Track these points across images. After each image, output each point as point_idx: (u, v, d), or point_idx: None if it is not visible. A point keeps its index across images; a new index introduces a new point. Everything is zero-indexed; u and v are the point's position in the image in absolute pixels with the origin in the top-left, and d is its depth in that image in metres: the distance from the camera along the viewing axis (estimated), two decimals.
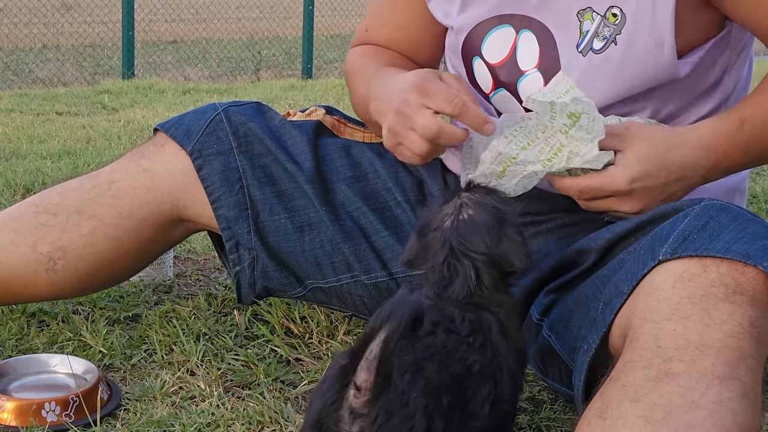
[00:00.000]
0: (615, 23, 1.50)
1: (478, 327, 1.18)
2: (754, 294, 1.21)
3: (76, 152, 3.75)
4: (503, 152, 1.41)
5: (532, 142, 1.41)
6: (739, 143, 1.48)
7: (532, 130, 1.42)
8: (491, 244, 1.22)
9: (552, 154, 1.41)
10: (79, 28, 10.79)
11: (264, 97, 5.82)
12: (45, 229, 1.70)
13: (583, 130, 1.38)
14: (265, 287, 1.77)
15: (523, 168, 1.42)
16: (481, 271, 1.22)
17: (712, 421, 1.10)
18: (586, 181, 1.42)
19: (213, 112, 1.76)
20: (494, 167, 1.43)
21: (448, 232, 1.23)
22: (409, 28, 1.80)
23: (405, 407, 1.08)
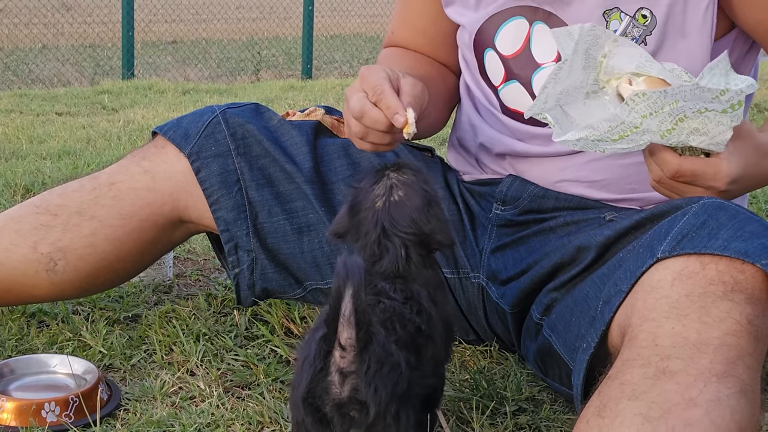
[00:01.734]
0: (645, 24, 1.52)
1: (410, 295, 1.24)
2: (752, 292, 1.22)
3: (76, 152, 3.76)
4: (627, 121, 1.32)
5: (656, 113, 1.30)
6: None
7: (657, 101, 1.30)
8: (421, 224, 1.28)
9: (673, 125, 1.31)
10: (79, 28, 10.79)
11: (264, 98, 5.82)
12: (46, 229, 1.70)
13: (729, 117, 1.30)
14: (265, 289, 1.77)
15: (640, 137, 1.33)
16: (411, 249, 1.28)
17: (710, 418, 1.10)
18: (690, 164, 1.35)
19: (211, 115, 1.76)
20: (608, 135, 1.34)
21: (380, 213, 1.28)
22: (429, 30, 1.82)
23: (391, 356, 1.13)
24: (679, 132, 1.32)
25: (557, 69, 1.36)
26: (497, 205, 1.69)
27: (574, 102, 1.39)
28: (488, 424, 1.52)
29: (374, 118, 1.44)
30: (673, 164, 1.35)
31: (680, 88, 1.27)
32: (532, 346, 1.59)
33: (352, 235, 1.32)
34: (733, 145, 1.34)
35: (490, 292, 1.67)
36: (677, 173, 1.35)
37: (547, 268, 1.56)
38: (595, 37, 1.37)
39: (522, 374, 1.69)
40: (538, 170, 1.66)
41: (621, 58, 1.37)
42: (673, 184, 1.38)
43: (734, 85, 1.28)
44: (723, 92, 1.27)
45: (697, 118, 1.30)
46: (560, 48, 1.38)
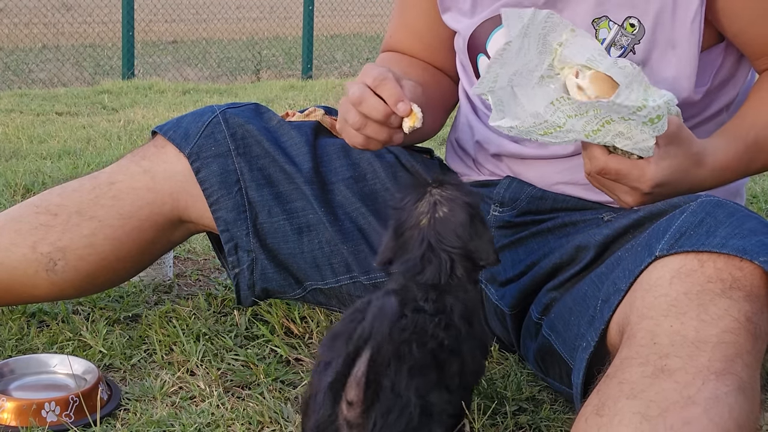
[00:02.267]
0: (633, 33, 1.52)
1: (441, 308, 1.23)
2: (751, 289, 1.22)
3: (76, 152, 3.76)
4: (549, 120, 1.36)
5: (581, 115, 1.34)
6: (739, 169, 1.51)
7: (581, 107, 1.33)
8: (466, 239, 1.28)
9: (599, 126, 1.34)
10: (79, 28, 10.79)
11: (264, 98, 5.82)
12: (45, 229, 1.70)
13: (650, 128, 1.33)
14: (265, 289, 1.77)
15: (565, 135, 1.37)
16: (456, 262, 1.28)
17: (708, 416, 1.10)
18: (616, 163, 1.38)
19: (211, 115, 1.76)
20: (533, 129, 1.38)
21: (426, 231, 1.28)
22: (426, 36, 1.82)
23: (399, 399, 1.13)
24: (605, 133, 1.35)
25: (501, 50, 1.38)
26: (495, 207, 1.69)
27: (526, 85, 1.41)
28: (488, 424, 1.52)
29: (372, 104, 1.44)
30: (599, 161, 1.39)
31: (598, 103, 1.31)
32: (532, 345, 1.59)
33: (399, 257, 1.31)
34: (665, 150, 1.37)
35: (489, 293, 1.67)
36: (603, 170, 1.39)
37: (547, 268, 1.56)
38: (554, 25, 1.39)
39: (522, 374, 1.69)
40: (535, 172, 1.66)
41: (575, 48, 1.39)
42: (600, 180, 1.42)
43: (652, 101, 1.31)
44: (640, 108, 1.30)
45: (623, 123, 1.33)
46: (506, 28, 1.40)
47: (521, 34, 1.38)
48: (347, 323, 1.18)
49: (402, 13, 1.86)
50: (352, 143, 1.52)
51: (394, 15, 1.90)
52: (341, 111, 1.52)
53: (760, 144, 1.51)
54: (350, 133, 1.51)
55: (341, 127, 1.53)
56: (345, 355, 1.10)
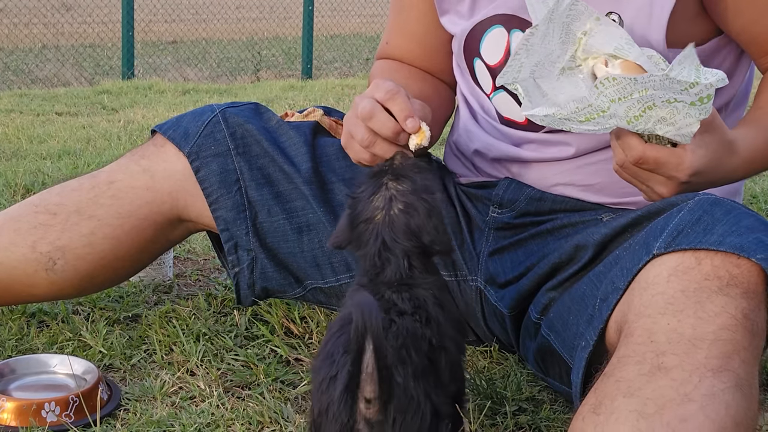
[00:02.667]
0: None
1: (418, 303, 1.24)
2: (748, 286, 1.22)
3: (75, 152, 3.76)
4: (594, 104, 1.31)
5: (624, 98, 1.29)
6: (765, 157, 1.49)
7: (626, 87, 1.28)
8: (420, 236, 1.28)
9: (640, 111, 1.30)
10: (79, 28, 10.79)
11: (264, 98, 5.82)
12: (44, 229, 1.70)
13: (697, 109, 1.29)
14: (265, 288, 1.77)
15: (606, 121, 1.33)
16: (412, 258, 1.28)
17: (705, 413, 1.11)
18: (654, 152, 1.34)
19: (210, 114, 1.76)
20: (575, 116, 1.34)
21: (380, 227, 1.28)
22: (425, 40, 1.80)
23: (412, 401, 1.15)
24: (647, 119, 1.31)
25: (529, 35, 1.35)
26: (494, 208, 1.69)
27: (548, 76, 1.38)
28: (488, 424, 1.52)
29: (383, 120, 1.41)
30: (637, 150, 1.35)
31: (650, 77, 1.27)
32: (531, 345, 1.59)
33: (353, 246, 1.32)
34: (700, 138, 1.34)
35: (489, 295, 1.67)
36: (640, 159, 1.35)
37: (546, 269, 1.56)
38: (578, 13, 1.36)
39: (522, 374, 1.69)
40: (533, 174, 1.66)
41: (601, 37, 1.36)
42: (636, 170, 1.38)
43: (704, 78, 1.27)
44: (692, 85, 1.26)
45: (666, 108, 1.29)
46: (532, 14, 1.37)
47: (546, 19, 1.34)
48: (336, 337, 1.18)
49: (399, 17, 1.84)
50: (357, 159, 1.50)
51: (391, 20, 1.88)
52: (348, 126, 1.49)
53: None
54: (356, 149, 1.48)
55: (346, 143, 1.50)
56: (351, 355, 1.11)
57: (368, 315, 1.08)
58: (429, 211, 1.30)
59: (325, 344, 1.21)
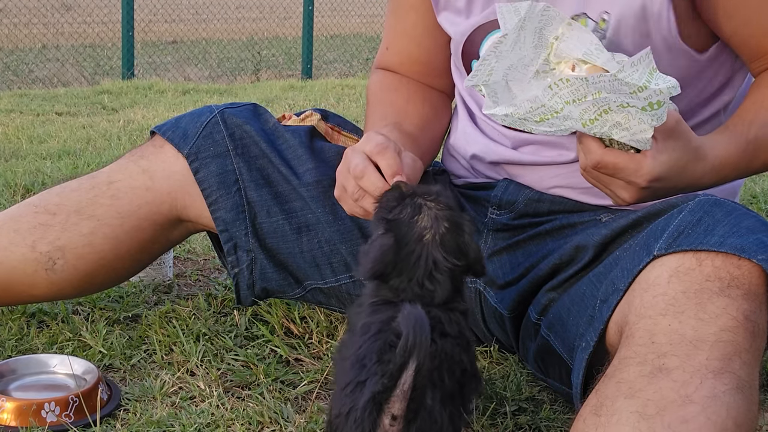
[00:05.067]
0: (603, 29, 1.50)
1: (461, 330, 1.22)
2: (749, 287, 1.22)
3: (75, 152, 3.76)
4: (547, 105, 1.33)
5: (579, 101, 1.31)
6: (740, 166, 1.48)
7: (580, 89, 1.30)
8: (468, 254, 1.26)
9: (596, 115, 1.31)
10: (79, 28, 10.79)
11: (264, 98, 5.82)
12: (44, 228, 1.70)
13: (650, 116, 1.30)
14: (264, 289, 1.77)
15: (561, 122, 1.34)
16: (457, 279, 1.26)
17: (706, 415, 1.10)
18: (613, 157, 1.36)
19: (209, 115, 1.76)
20: (530, 115, 1.35)
21: (430, 247, 1.25)
22: (424, 41, 1.78)
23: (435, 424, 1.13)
24: (602, 123, 1.32)
25: (497, 43, 1.36)
26: (492, 210, 1.69)
27: (521, 79, 1.39)
28: (488, 424, 1.52)
29: (372, 180, 1.39)
30: (596, 154, 1.36)
31: (600, 78, 1.27)
32: (531, 346, 1.59)
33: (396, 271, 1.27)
34: (663, 144, 1.35)
35: (488, 296, 1.66)
36: (599, 164, 1.36)
37: (546, 269, 1.56)
38: (550, 18, 1.37)
39: (522, 374, 1.69)
40: (531, 176, 1.66)
41: (571, 42, 1.37)
42: (597, 174, 1.39)
43: (655, 84, 1.27)
44: (641, 89, 1.27)
45: (621, 113, 1.30)
46: (502, 22, 1.37)
47: (517, 27, 1.36)
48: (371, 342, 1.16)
49: (397, 20, 1.82)
50: (351, 212, 1.48)
51: (389, 23, 1.85)
52: (340, 179, 1.47)
53: (761, 141, 1.49)
54: (349, 204, 1.46)
55: (340, 196, 1.48)
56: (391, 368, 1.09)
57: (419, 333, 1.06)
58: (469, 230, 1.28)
59: (356, 345, 1.18)
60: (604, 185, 1.41)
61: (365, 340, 1.18)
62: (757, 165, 1.52)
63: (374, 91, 1.82)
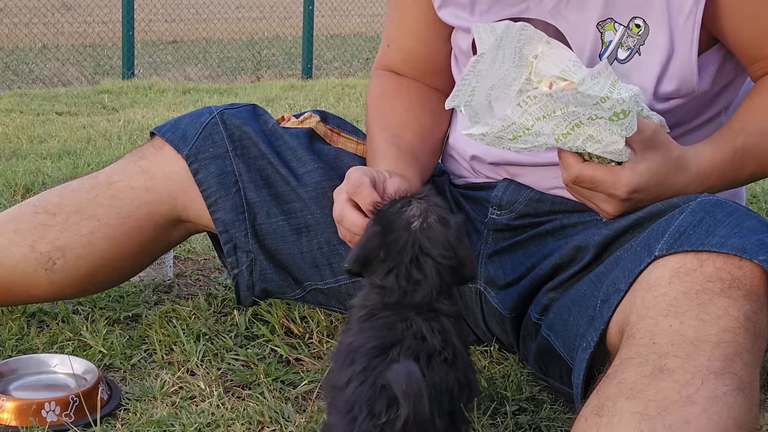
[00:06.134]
0: (638, 34, 1.50)
1: (446, 337, 1.20)
2: (750, 288, 1.21)
3: (76, 152, 3.76)
4: (517, 123, 1.34)
5: (548, 116, 1.33)
6: (727, 175, 1.48)
7: (548, 105, 1.32)
8: (456, 249, 1.24)
9: (569, 129, 1.33)
10: (79, 28, 10.79)
11: (264, 97, 5.82)
12: (44, 228, 1.70)
13: (619, 126, 1.31)
14: (264, 289, 1.77)
15: (534, 138, 1.36)
16: (443, 277, 1.23)
17: (707, 415, 1.10)
18: (590, 171, 1.38)
19: (209, 116, 1.76)
20: (503, 134, 1.37)
21: (417, 234, 1.23)
22: (426, 36, 1.76)
23: None
24: (575, 137, 1.33)
25: (475, 62, 1.37)
26: (493, 210, 1.68)
27: (504, 98, 1.39)
28: (489, 424, 1.52)
29: (352, 221, 1.41)
30: (574, 169, 1.39)
31: (563, 93, 1.30)
32: (531, 346, 1.59)
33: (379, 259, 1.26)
34: (642, 155, 1.36)
35: (489, 296, 1.66)
36: (577, 178, 1.39)
37: (547, 269, 1.56)
38: (529, 38, 1.38)
39: (522, 374, 1.69)
40: (531, 177, 1.66)
41: (550, 60, 1.38)
42: (578, 189, 1.42)
43: (617, 94, 1.29)
44: (603, 99, 1.28)
45: (592, 125, 1.32)
46: (478, 41, 1.38)
47: (494, 47, 1.37)
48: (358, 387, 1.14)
49: (398, 16, 1.81)
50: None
51: (390, 20, 1.84)
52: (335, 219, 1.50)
53: (748, 150, 1.48)
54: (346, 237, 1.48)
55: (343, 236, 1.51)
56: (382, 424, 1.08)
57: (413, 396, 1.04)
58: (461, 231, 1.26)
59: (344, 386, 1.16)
60: (587, 199, 1.43)
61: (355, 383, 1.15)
62: (745, 175, 1.52)
63: (374, 97, 1.80)
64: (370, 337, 1.19)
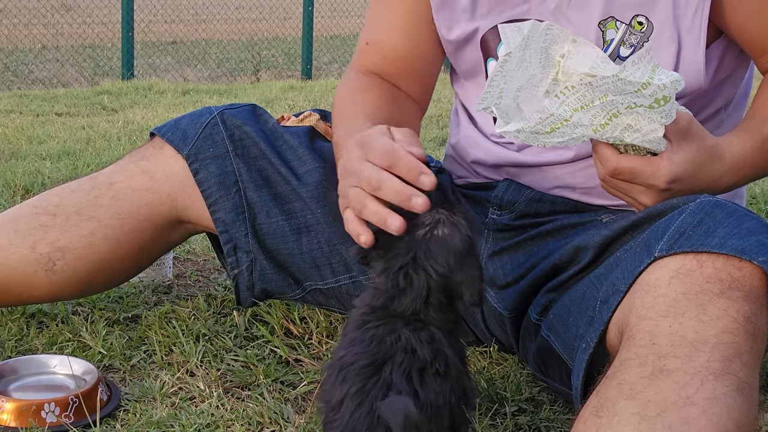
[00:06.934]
0: (641, 31, 1.50)
1: (436, 347, 1.18)
2: (750, 289, 1.21)
3: (75, 153, 3.76)
4: (556, 114, 1.31)
5: (587, 106, 1.30)
6: (758, 165, 1.47)
7: (586, 95, 1.29)
8: (453, 268, 1.20)
9: (606, 119, 1.30)
10: (78, 28, 10.79)
11: (264, 98, 5.82)
12: (44, 229, 1.70)
13: (659, 114, 1.29)
14: (264, 290, 1.77)
15: (572, 130, 1.33)
16: (432, 291, 1.20)
17: (707, 416, 1.10)
18: (628, 162, 1.35)
19: (209, 116, 1.76)
20: (540, 127, 1.33)
21: (418, 242, 1.21)
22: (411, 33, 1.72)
23: None
24: (614, 127, 1.31)
25: (503, 62, 1.35)
26: (493, 210, 1.69)
27: (532, 99, 1.38)
28: (488, 424, 1.52)
29: (396, 188, 1.24)
30: (611, 161, 1.36)
31: (603, 80, 1.27)
32: (531, 346, 1.59)
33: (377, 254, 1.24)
34: (678, 145, 1.35)
35: (489, 296, 1.66)
36: (615, 170, 1.36)
37: (546, 269, 1.56)
38: (555, 37, 1.36)
39: (522, 375, 1.69)
40: (532, 177, 1.66)
41: (578, 58, 1.36)
42: (616, 182, 1.39)
43: (657, 79, 1.27)
44: (645, 85, 1.26)
45: (630, 115, 1.30)
46: (505, 42, 1.36)
47: (521, 46, 1.35)
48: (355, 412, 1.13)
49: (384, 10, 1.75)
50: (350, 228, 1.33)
51: (374, 15, 1.78)
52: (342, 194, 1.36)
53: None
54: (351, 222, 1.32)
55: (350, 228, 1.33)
56: None
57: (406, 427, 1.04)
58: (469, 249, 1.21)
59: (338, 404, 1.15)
60: (624, 193, 1.40)
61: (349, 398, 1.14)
62: None
63: (343, 95, 1.71)
64: (360, 353, 1.18)
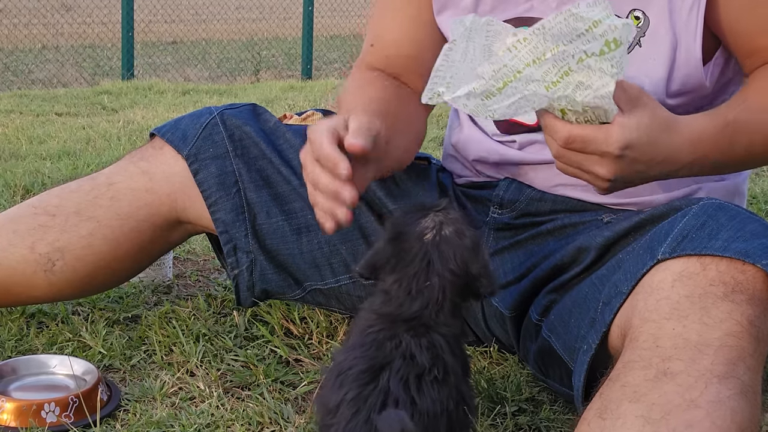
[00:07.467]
0: (638, 26, 1.50)
1: (436, 353, 1.18)
2: (753, 292, 1.21)
3: (75, 153, 3.76)
4: (509, 65, 1.29)
5: (539, 60, 1.28)
6: (721, 145, 1.44)
7: (538, 46, 1.28)
8: (469, 264, 1.22)
9: (558, 77, 1.29)
10: (78, 28, 10.79)
11: (264, 98, 5.82)
12: (43, 230, 1.70)
13: (609, 62, 1.27)
14: (264, 290, 1.77)
15: (524, 86, 1.30)
16: (447, 293, 1.21)
17: (711, 419, 1.10)
18: (579, 130, 1.32)
19: (209, 116, 1.76)
20: (493, 83, 1.30)
21: (429, 246, 1.21)
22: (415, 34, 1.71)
23: None
24: (565, 86, 1.29)
25: (447, 50, 1.34)
26: (494, 209, 1.68)
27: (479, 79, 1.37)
28: (488, 424, 1.52)
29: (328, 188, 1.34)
30: (563, 131, 1.33)
31: (556, 19, 1.26)
32: (532, 347, 1.59)
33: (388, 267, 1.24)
34: (630, 113, 1.32)
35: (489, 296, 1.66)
36: (568, 139, 1.33)
37: (547, 270, 1.56)
38: (496, 32, 1.35)
39: (522, 375, 1.69)
40: (533, 175, 1.65)
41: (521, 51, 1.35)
42: (569, 156, 1.36)
43: (610, 21, 1.25)
44: (596, 23, 1.24)
45: (582, 70, 1.28)
46: (451, 33, 1.35)
47: (464, 37, 1.33)
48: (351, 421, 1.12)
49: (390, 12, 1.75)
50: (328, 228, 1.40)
51: (378, 17, 1.78)
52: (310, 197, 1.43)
53: (740, 123, 1.45)
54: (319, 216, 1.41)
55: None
56: None
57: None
58: (477, 244, 1.23)
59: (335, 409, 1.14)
60: (579, 167, 1.37)
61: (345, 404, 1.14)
62: (740, 150, 1.47)
63: (345, 91, 1.73)
64: (358, 357, 1.17)
